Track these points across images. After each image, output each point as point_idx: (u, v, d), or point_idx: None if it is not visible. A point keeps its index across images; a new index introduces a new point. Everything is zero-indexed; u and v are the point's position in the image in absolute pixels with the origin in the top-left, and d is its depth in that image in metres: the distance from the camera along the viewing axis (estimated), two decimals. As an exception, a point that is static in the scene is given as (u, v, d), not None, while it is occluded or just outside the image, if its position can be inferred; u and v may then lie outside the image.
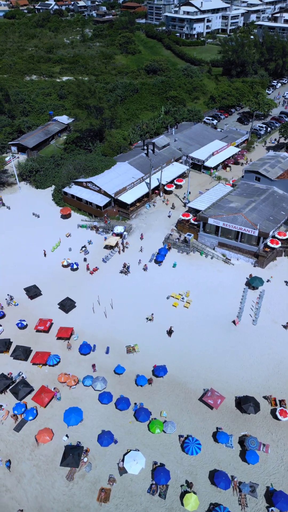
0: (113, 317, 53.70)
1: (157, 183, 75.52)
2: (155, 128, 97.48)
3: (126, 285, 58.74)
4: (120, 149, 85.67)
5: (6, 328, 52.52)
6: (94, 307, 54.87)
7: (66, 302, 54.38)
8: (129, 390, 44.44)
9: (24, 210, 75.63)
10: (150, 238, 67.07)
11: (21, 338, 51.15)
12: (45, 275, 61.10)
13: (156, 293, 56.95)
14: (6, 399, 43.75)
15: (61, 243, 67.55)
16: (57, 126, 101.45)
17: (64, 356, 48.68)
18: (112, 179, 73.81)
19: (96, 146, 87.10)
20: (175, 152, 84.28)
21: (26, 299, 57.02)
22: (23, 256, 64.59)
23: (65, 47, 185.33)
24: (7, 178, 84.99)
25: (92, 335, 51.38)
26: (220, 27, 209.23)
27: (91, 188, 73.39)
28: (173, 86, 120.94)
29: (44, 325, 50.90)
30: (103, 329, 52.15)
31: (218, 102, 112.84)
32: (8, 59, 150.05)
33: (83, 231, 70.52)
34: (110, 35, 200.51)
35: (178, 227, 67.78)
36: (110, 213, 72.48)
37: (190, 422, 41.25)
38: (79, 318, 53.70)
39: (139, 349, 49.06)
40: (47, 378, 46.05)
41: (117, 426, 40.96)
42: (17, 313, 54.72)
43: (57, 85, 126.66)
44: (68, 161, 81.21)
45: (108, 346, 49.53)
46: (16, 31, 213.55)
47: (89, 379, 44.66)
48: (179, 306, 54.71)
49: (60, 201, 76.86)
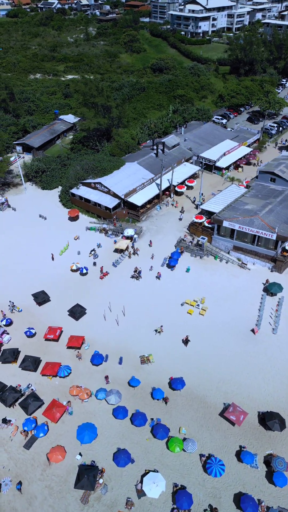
0: (125, 325, 51.25)
1: (167, 184, 73.02)
2: (163, 127, 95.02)
3: (138, 291, 56.28)
4: (128, 149, 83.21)
5: (14, 336, 50.09)
6: (105, 314, 52.43)
7: (76, 309, 51.95)
8: (144, 404, 41.96)
9: (30, 211, 73.20)
10: (162, 241, 64.60)
11: (29, 347, 48.72)
12: (53, 280, 58.68)
13: (170, 299, 54.48)
14: (15, 414, 41.32)
15: (69, 247, 65.12)
16: (63, 125, 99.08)
17: (75, 366, 46.23)
18: (121, 180, 71.35)
19: (103, 146, 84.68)
20: (185, 152, 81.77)
21: (34, 305, 54.61)
22: (30, 259, 62.17)
23: (69, 45, 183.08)
24: (12, 178, 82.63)
25: (104, 344, 48.93)
26: (225, 26, 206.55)
27: (99, 189, 70.95)
28: (180, 85, 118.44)
29: (53, 333, 48.48)
30: (115, 337, 49.69)
31: (227, 101, 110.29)
32: (12, 57, 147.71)
33: (91, 234, 68.07)
34: (114, 33, 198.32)
35: (190, 230, 65.31)
36: (120, 215, 70.01)
37: (211, 439, 38.75)
38: (89, 326, 51.25)
39: (153, 359, 46.58)
40: (57, 391, 43.61)
41: (133, 444, 38.50)
42: (25, 320, 52.31)
43: (62, 84, 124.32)
44: (76, 161, 78.78)
45: (121, 356, 47.06)
46: (19, 30, 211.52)
47: (103, 392, 42.19)
48: (195, 314, 52.22)
49: (67, 203, 74.43)
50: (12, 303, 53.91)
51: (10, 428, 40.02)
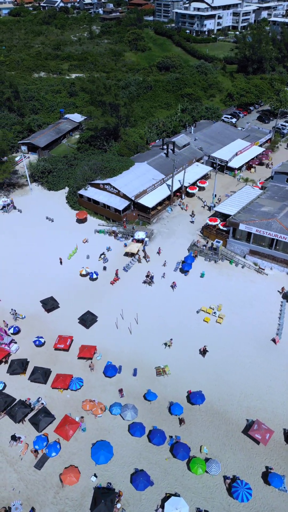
0: (138, 334, 48.76)
1: (178, 185, 70.50)
2: (172, 126, 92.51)
3: (150, 297, 53.78)
4: (137, 148, 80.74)
5: (22, 346, 47.62)
6: (117, 322, 49.95)
7: (87, 317, 49.46)
8: (162, 420, 39.47)
9: (36, 213, 70.74)
10: (174, 245, 62.10)
11: (38, 357, 46.24)
12: (62, 285, 56.21)
13: (185, 306, 51.98)
14: (24, 430, 38.86)
15: (78, 250, 62.66)
16: (69, 124, 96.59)
17: (87, 378, 43.75)
18: (131, 181, 68.85)
19: (111, 146, 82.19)
20: (196, 152, 79.25)
21: (42, 312, 52.14)
22: (37, 263, 59.71)
23: (72, 44, 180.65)
24: (17, 179, 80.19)
25: (117, 354, 46.43)
26: (231, 24, 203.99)
27: (108, 190, 68.46)
28: (188, 83, 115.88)
29: (64, 343, 46.00)
30: (128, 347, 47.20)
31: (236, 100, 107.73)
32: (15, 55, 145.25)
33: (100, 237, 65.59)
34: (118, 32, 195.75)
35: (203, 233, 62.80)
36: (129, 218, 67.53)
37: (235, 460, 36.25)
38: (101, 335, 48.76)
39: (170, 371, 44.08)
40: (69, 405, 41.13)
41: (152, 464, 36.01)
42: (33, 328, 49.85)
43: (67, 82, 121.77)
44: (83, 161, 76.29)
45: (136, 367, 44.55)
46: (21, 28, 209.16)
47: (118, 407, 39.69)
48: (211, 322, 49.71)
49: (75, 204, 71.96)
50: (14, 310, 51.47)
51: (20, 446, 37.55)
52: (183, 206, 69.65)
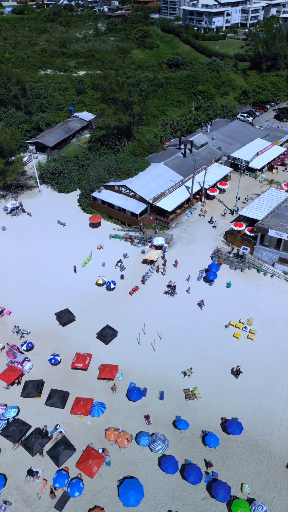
0: (162, 350, 44.60)
1: (198, 187, 66.28)
2: (186, 125, 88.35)
3: (173, 309, 49.61)
4: (152, 148, 76.58)
5: (36, 364, 43.48)
6: (139, 337, 45.79)
7: (106, 332, 45.27)
8: (196, 453, 35.31)
9: (47, 217, 66.61)
10: (195, 252, 57.91)
11: (54, 377, 42.12)
12: (77, 295, 52.09)
13: (211, 319, 47.79)
14: (42, 463, 34.76)
15: (92, 257, 58.53)
16: (78, 123, 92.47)
17: (109, 402, 39.59)
18: (148, 183, 64.69)
19: (123, 145, 78.03)
20: (214, 152, 75.04)
21: (56, 326, 48.01)
22: (50, 272, 55.59)
23: (78, 41, 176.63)
24: (26, 180, 76.11)
25: (140, 374, 42.26)
26: (239, 22, 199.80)
27: (124, 192, 64.32)
28: (200, 81, 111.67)
29: (82, 361, 41.86)
30: (152, 366, 43.02)
31: (252, 98, 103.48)
32: (21, 52, 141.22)
33: (116, 242, 61.44)
34: (125, 29, 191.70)
35: (227, 239, 58.61)
36: (146, 222, 63.36)
37: (281, 500, 32.08)
38: (122, 351, 44.59)
39: (200, 394, 39.90)
40: (91, 433, 36.99)
41: (187, 506, 31.86)
42: (47, 344, 45.73)
43: (75, 80, 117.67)
44: (96, 161, 72.17)
45: (162, 390, 40.38)
46: (25, 26, 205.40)
47: (146, 438, 35.52)
48: (242, 338, 45.50)
49: (87, 207, 67.83)
50: (17, 327, 47.07)
51: (38, 481, 33.45)
52: (201, 212, 64.91)
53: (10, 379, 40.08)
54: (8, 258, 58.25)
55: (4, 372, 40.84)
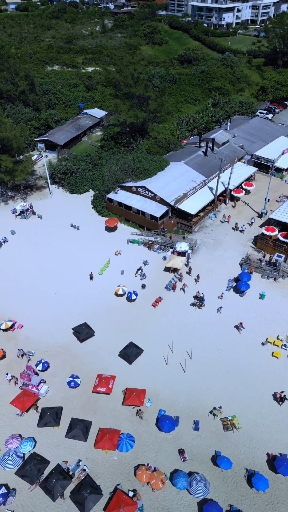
0: (194, 371, 39.85)
1: (222, 188, 61.47)
2: (203, 122, 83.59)
3: (202, 324, 44.84)
4: (169, 146, 71.85)
5: (53, 386, 38.78)
6: (167, 356, 41.05)
7: (131, 351, 40.50)
8: (241, 497, 30.55)
9: (59, 220, 61.96)
10: (222, 259, 53.15)
11: (74, 402, 37.41)
12: (95, 307, 47.40)
13: (246, 336, 42.99)
14: (64, 508, 30.05)
15: (110, 264, 53.86)
16: (89, 120, 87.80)
17: (137, 432, 34.90)
18: (168, 183, 59.96)
19: (138, 143, 73.26)
20: (236, 150, 70.18)
21: (74, 342, 43.28)
22: (64, 280, 50.94)
23: (84, 38, 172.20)
24: (35, 180, 71.46)
25: (170, 399, 37.52)
26: (249, 18, 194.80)
27: (142, 194, 59.61)
28: (215, 77, 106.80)
29: (106, 385, 37.12)
30: (183, 389, 38.27)
31: (271, 94, 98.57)
32: (27, 47, 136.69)
33: (134, 248, 56.72)
34: (132, 25, 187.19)
35: (257, 245, 53.80)
36: (167, 225, 58.63)
37: None
38: (148, 373, 39.87)
39: (240, 424, 35.15)
40: (118, 471, 32.30)
41: None
42: (65, 363, 41.03)
43: (83, 76, 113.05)
44: (111, 160, 67.44)
45: (197, 419, 35.64)
46: (30, 23, 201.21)
47: (183, 479, 30.74)
48: (283, 357, 40.68)
49: (102, 210, 63.13)
50: (21, 350, 41.88)
51: (59, 532, 28.82)
52: (224, 218, 59.58)
53: (24, 406, 35.41)
54: (19, 265, 53.63)
55: (18, 398, 36.16)
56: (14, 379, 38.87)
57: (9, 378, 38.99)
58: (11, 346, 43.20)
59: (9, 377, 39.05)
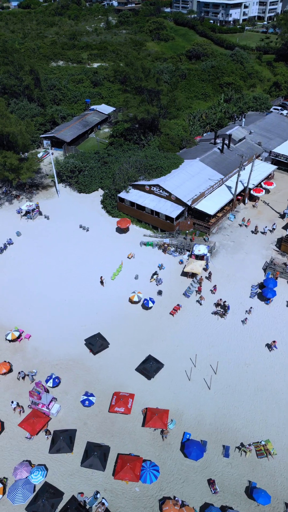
0: (220, 389, 36.18)
1: (241, 187, 57.77)
2: (216, 118, 79.91)
3: (226, 335, 41.13)
4: (181, 143, 68.23)
5: (65, 405, 35.13)
6: (190, 372, 37.39)
7: (150, 365, 36.79)
8: (283, 536, 26.93)
9: (67, 221, 58.33)
10: (244, 263, 49.46)
11: (88, 424, 33.73)
12: (108, 315, 43.77)
13: (276, 350, 39.28)
14: None
15: (122, 268, 50.21)
16: (97, 116, 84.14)
17: (160, 459, 31.25)
18: (183, 182, 56.29)
19: (149, 140, 69.58)
20: (254, 147, 66.49)
21: (86, 354, 39.63)
22: (74, 285, 47.27)
23: (88, 34, 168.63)
24: (41, 179, 67.83)
25: (195, 420, 33.86)
26: (256, 14, 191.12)
27: (156, 193, 55.94)
28: (225, 72, 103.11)
29: (124, 405, 33.45)
30: (209, 409, 34.62)
31: (284, 90, 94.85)
32: (31, 43, 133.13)
33: (148, 251, 53.03)
34: (137, 22, 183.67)
35: (281, 248, 50.09)
36: (183, 227, 54.97)
37: None
38: (169, 390, 36.19)
39: (275, 449, 31.47)
40: (141, 505, 28.63)
41: None
42: (77, 378, 37.39)
43: (89, 71, 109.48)
44: (122, 158, 63.76)
45: (227, 444, 31.97)
46: (33, 19, 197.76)
47: (216, 516, 27.16)
48: None
49: (113, 210, 59.48)
50: (22, 373, 37.39)
51: None
52: (243, 222, 55.56)
53: (35, 428, 31.75)
54: (25, 269, 49.99)
55: (28, 419, 32.49)
56: (20, 408, 34.30)
57: (14, 406, 34.50)
58: (18, 359, 39.60)
59: (14, 405, 34.58)
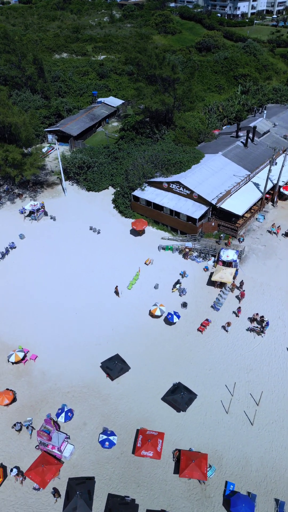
0: (263, 424, 30.21)
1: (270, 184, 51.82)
2: (234, 111, 73.97)
3: (266, 356, 35.16)
4: (199, 136, 62.31)
5: (80, 445, 29.12)
6: (227, 402, 31.44)
7: (181, 396, 30.71)
8: None
9: (76, 222, 52.40)
10: (278, 269, 43.54)
11: (109, 470, 27.76)
12: (125, 331, 37.84)
13: None
14: None
15: (140, 275, 44.28)
16: (104, 109, 78.21)
17: (199, 517, 25.37)
18: (206, 179, 50.33)
19: (163, 134, 63.61)
20: (279, 141, 60.53)
21: (103, 379, 33.69)
22: (85, 296, 41.34)
23: (92, 28, 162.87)
24: (45, 176, 61.89)
25: (239, 465, 27.90)
26: (265, 8, 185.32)
27: (175, 191, 50.02)
28: (239, 64, 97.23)
29: (153, 447, 27.43)
30: (253, 451, 28.64)
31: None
32: (33, 35, 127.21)
33: (167, 256, 47.10)
34: (142, 15, 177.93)
35: None
36: (206, 229, 49.01)
37: None
38: (204, 425, 30.22)
39: None
40: None
41: None
42: (93, 410, 31.41)
43: (95, 63, 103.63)
44: (136, 152, 57.81)
45: (281, 499, 26.02)
46: (34, 14, 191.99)
47: None
48: None
49: (126, 210, 53.56)
50: (19, 424, 29.86)
51: None
52: (273, 228, 48.73)
53: (44, 479, 25.75)
54: (29, 277, 44.03)
55: (36, 466, 26.42)
56: (20, 478, 26.99)
57: (15, 474, 27.00)
58: (23, 385, 33.66)
59: (14, 473, 27.04)
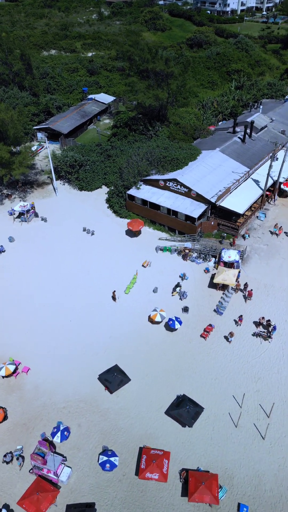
0: (275, 438, 28.06)
1: (270, 180, 49.80)
2: (229, 106, 72.04)
3: (275, 364, 33.03)
4: (195, 132, 60.19)
5: (78, 467, 26.63)
6: (235, 414, 29.23)
7: (186, 410, 28.41)
8: None
9: (68, 223, 49.80)
10: (282, 270, 41.54)
11: (111, 494, 25.34)
12: (123, 339, 35.44)
13: None
14: None
15: (137, 279, 41.89)
16: (95, 106, 75.60)
17: None
18: (204, 176, 48.17)
19: (157, 130, 61.34)
20: (278, 136, 58.59)
21: (101, 393, 31.24)
22: (79, 302, 38.84)
23: (81, 25, 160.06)
24: (35, 175, 59.14)
25: (251, 484, 25.70)
26: (254, 5, 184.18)
27: (172, 189, 47.75)
28: (232, 59, 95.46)
29: (159, 469, 25.05)
30: (266, 468, 26.47)
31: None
32: (20, 31, 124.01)
33: (166, 258, 44.79)
34: (131, 12, 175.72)
35: None
36: (206, 228, 46.82)
37: None
38: (212, 441, 27.97)
39: None
40: None
41: None
42: (91, 427, 28.93)
43: (84, 60, 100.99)
44: (131, 149, 55.40)
45: (300, 520, 23.97)
46: (21, 12, 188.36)
47: None
48: None
49: (121, 209, 51.12)
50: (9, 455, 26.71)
51: None
52: (276, 229, 46.30)
53: (40, 509, 23.21)
54: (20, 283, 41.33)
55: (30, 493, 23.84)
56: None
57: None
58: (15, 401, 31.05)
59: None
